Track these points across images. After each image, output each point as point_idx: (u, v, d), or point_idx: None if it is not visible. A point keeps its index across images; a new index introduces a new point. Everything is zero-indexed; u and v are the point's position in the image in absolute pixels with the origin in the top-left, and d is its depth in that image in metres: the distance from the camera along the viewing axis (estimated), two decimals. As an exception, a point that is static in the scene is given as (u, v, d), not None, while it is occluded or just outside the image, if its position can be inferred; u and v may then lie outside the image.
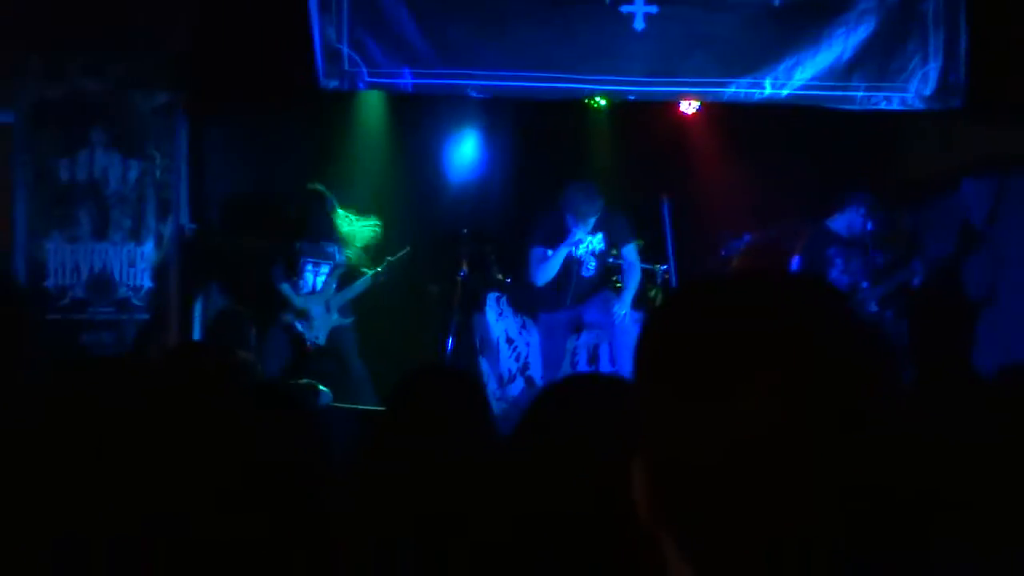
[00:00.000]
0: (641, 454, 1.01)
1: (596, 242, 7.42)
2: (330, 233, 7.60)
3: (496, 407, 7.23)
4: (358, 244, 7.64)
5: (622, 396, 1.91)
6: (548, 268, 7.34)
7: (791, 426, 0.91)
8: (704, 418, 0.93)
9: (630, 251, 7.47)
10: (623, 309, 7.31)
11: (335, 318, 7.60)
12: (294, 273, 7.62)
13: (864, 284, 7.50)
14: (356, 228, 7.63)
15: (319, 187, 7.56)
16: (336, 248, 7.62)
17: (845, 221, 7.52)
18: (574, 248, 7.34)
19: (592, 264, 7.45)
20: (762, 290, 1.00)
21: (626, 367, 6.98)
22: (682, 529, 0.97)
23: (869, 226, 7.43)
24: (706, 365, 0.94)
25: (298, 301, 7.56)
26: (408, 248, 7.68)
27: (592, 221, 7.28)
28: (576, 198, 7.24)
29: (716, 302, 0.99)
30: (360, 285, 7.66)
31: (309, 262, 7.62)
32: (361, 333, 7.72)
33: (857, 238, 7.50)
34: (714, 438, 0.93)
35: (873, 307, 7.48)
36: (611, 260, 7.55)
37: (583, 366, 7.66)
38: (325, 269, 7.63)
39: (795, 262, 7.57)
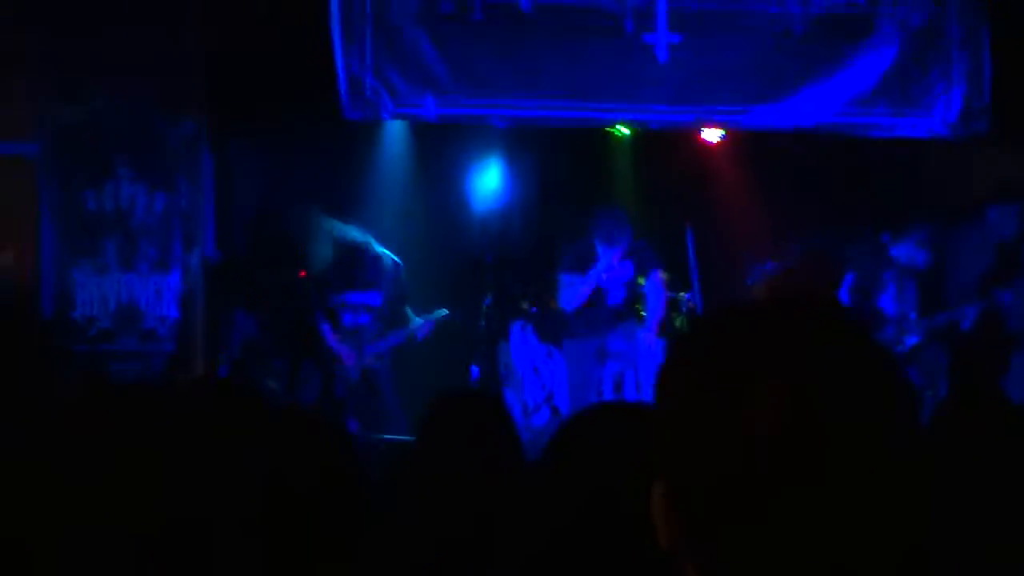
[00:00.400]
0: (658, 481, 1.01)
1: (624, 271, 7.41)
2: (375, 282, 7.50)
3: (521, 437, 7.20)
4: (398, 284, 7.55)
5: (648, 424, 1.91)
6: (578, 293, 7.34)
7: (803, 447, 0.91)
8: (715, 444, 0.94)
9: (655, 277, 7.44)
10: (648, 337, 7.30)
11: (367, 362, 7.50)
12: (336, 319, 7.52)
13: (912, 315, 7.41)
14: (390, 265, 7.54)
15: (362, 235, 7.46)
16: (380, 295, 7.51)
17: (905, 249, 7.42)
18: (602, 276, 7.34)
19: (619, 292, 7.45)
20: (779, 318, 1.00)
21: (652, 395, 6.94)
22: (701, 556, 0.97)
23: (928, 257, 7.36)
24: (718, 390, 0.95)
25: (334, 344, 7.47)
26: (446, 311, 7.60)
27: (621, 248, 7.28)
28: (606, 225, 7.26)
29: (733, 330, 1.00)
30: (396, 338, 7.55)
31: (349, 311, 7.53)
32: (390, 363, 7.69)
33: (915, 268, 7.40)
34: (726, 463, 0.93)
35: (915, 339, 7.38)
36: (639, 287, 7.54)
37: (609, 395, 7.63)
38: (365, 318, 7.53)
39: (848, 280, 7.51)
